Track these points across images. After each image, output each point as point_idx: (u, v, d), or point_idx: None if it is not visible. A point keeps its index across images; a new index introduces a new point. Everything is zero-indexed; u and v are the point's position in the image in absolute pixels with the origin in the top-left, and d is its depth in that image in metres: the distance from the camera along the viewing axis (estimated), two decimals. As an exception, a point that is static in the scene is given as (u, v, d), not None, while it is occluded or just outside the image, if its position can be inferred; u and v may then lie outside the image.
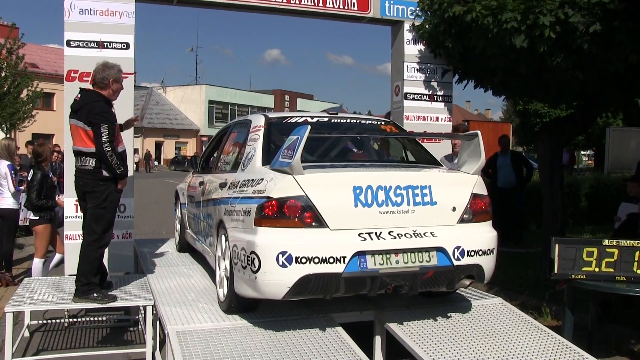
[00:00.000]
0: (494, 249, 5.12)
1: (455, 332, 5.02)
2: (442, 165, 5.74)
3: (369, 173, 4.89)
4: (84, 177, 5.80)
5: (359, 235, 4.65)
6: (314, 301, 5.53)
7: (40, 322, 7.01)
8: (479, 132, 5.34)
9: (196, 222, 7.07)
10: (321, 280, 4.54)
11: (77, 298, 5.78)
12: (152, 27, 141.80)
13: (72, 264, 6.70)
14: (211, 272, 6.60)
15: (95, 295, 5.78)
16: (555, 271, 5.58)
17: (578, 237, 6.55)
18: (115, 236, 6.90)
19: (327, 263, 4.51)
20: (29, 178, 8.60)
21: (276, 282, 4.53)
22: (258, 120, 5.80)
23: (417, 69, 8.86)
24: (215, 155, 7.20)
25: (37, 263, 8.34)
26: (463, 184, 5.13)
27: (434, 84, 8.90)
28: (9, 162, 9.38)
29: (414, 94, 8.85)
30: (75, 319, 7.24)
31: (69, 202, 7.19)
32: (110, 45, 7.31)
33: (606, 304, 6.78)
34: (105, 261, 6.34)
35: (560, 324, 6.09)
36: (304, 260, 4.49)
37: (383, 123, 6.29)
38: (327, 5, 8.44)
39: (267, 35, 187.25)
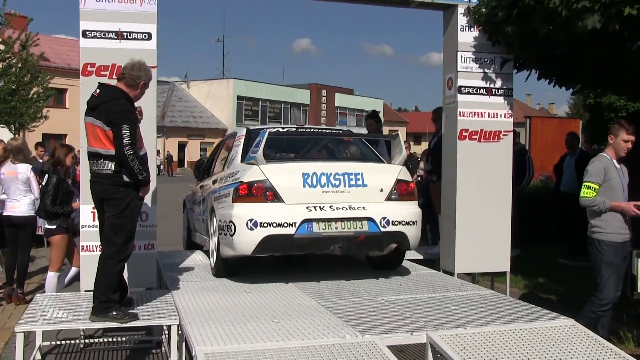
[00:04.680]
0: (416, 221, 7.50)
1: (521, 357, 4.92)
2: (383, 162, 8.11)
3: (314, 163, 7.47)
4: (102, 183, 5.85)
5: (307, 207, 7.13)
6: (360, 320, 5.51)
7: (54, 343, 7.09)
8: (399, 132, 8.26)
9: (198, 220, 9.53)
10: (278, 239, 7.00)
11: (95, 316, 5.83)
12: (173, 16, 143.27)
13: (89, 279, 6.73)
14: (243, 289, 6.95)
15: (114, 313, 5.81)
16: (639, 290, 5.45)
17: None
18: (136, 248, 6.92)
19: (282, 227, 7.00)
20: (44, 182, 8.65)
21: (246, 241, 7.01)
22: (241, 132, 8.63)
23: (472, 59, 8.74)
24: (213, 162, 9.52)
25: (51, 277, 8.42)
26: (389, 172, 7.65)
27: (492, 75, 8.77)
28: (31, 165, 9.45)
29: (470, 87, 8.74)
30: (91, 340, 7.31)
31: (85, 209, 7.23)
32: (130, 35, 7.33)
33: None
34: (125, 276, 6.38)
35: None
36: (265, 224, 6.97)
37: (340, 132, 9.06)
38: (372, -12, 8.39)
39: (295, 24, 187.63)
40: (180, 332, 5.84)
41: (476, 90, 8.75)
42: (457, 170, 8.57)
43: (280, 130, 8.30)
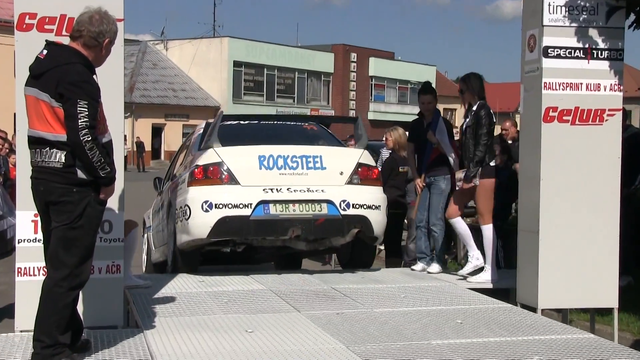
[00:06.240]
0: (379, 206, 9.87)
1: None
2: (344, 146, 11.24)
3: (271, 146, 9.86)
4: (48, 180, 5.84)
5: (263, 189, 9.41)
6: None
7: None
8: (359, 116, 12.24)
9: (158, 232, 11.87)
10: (234, 221, 9.30)
11: (37, 366, 5.82)
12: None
13: (27, 315, 6.71)
14: (243, 327, 6.94)
15: (64, 362, 5.81)
16: None
17: None
18: (95, 270, 6.95)
19: (238, 208, 9.27)
20: None
21: (201, 223, 9.29)
22: (200, 125, 11.51)
23: (565, 8, 8.68)
24: (174, 168, 12.03)
25: None
26: (350, 155, 10.22)
27: (594, 31, 8.70)
28: None
29: (560, 48, 8.67)
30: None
31: (24, 217, 7.24)
32: (86, -25, 7.33)
33: None
34: (79, 309, 6.37)
35: None
36: (221, 206, 9.25)
37: (305, 124, 11.94)
38: None
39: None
40: (155, 388, 5.83)
41: (570, 52, 8.68)
42: (542, 164, 8.48)
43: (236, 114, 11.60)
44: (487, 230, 9.72)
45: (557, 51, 8.65)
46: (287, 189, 9.46)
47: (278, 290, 8.75)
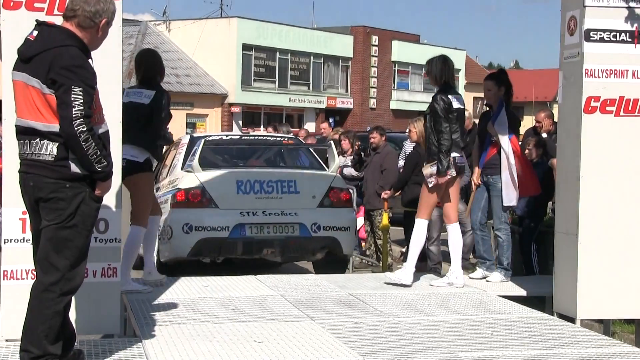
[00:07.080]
0: (349, 227, 12.22)
1: None
2: (324, 170, 12.81)
3: (248, 171, 12.34)
4: (38, 175, 5.82)
5: (240, 213, 11.49)
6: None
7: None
8: (332, 142, 13.71)
9: None
10: (212, 242, 11.48)
11: (24, 380, 5.82)
12: None
13: (13, 322, 6.74)
14: (251, 336, 6.92)
15: (53, 374, 5.81)
16: None
17: None
18: (90, 274, 6.96)
19: (216, 230, 11.36)
20: None
21: (182, 244, 11.42)
22: (184, 139, 13.52)
23: (610, -12, 8.67)
24: (160, 170, 13.62)
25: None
26: (322, 179, 12.34)
27: (642, 12, 8.67)
28: None
29: (604, 31, 8.64)
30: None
31: (11, 215, 7.23)
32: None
33: None
34: (71, 317, 6.37)
35: None
36: (200, 228, 11.33)
37: (286, 139, 14.50)
38: None
39: None
40: (155, 404, 5.84)
41: (614, 36, 8.65)
42: (582, 160, 8.46)
43: (217, 138, 14.18)
44: (418, 224, 9.72)
45: (601, 34, 8.62)
46: (263, 212, 11.61)
47: (290, 296, 8.75)
